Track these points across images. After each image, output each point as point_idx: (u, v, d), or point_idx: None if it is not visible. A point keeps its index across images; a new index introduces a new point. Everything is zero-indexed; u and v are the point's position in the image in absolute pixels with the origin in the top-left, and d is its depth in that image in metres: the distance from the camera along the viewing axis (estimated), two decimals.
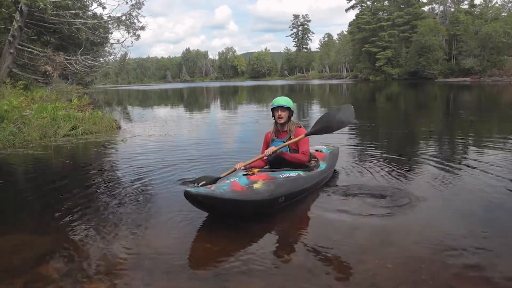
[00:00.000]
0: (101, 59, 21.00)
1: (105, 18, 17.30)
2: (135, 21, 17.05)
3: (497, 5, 54.08)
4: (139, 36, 17.27)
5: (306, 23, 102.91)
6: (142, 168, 5.14)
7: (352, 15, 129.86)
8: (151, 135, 8.42)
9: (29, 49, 14.69)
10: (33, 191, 4.39)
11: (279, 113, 3.78)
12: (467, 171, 4.50)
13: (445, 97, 21.69)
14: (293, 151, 3.80)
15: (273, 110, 3.83)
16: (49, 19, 14.00)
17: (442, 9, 57.83)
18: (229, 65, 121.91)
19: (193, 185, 3.38)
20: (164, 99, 29.50)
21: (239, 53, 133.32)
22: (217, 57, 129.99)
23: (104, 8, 19.34)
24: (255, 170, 3.45)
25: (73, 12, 15.27)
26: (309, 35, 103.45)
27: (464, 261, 2.41)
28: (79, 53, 15.06)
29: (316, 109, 15.57)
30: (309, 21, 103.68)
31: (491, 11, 52.25)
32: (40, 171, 5.37)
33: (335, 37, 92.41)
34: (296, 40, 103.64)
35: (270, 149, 3.66)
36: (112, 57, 22.91)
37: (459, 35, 49.93)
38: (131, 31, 17.03)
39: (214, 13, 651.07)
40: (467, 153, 5.81)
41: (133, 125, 10.74)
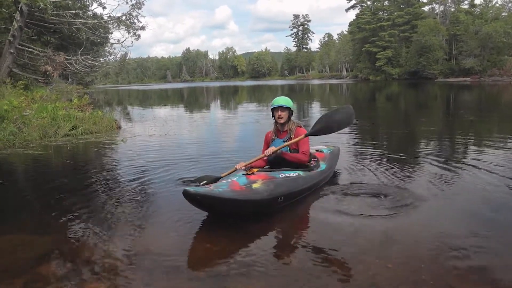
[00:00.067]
0: (101, 59, 21.01)
1: (105, 18, 17.32)
2: (135, 21, 17.08)
3: (497, 5, 54.15)
4: (139, 36, 17.29)
5: (306, 23, 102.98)
6: (142, 168, 5.14)
7: (352, 15, 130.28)
8: (151, 135, 8.42)
9: (29, 49, 14.69)
10: (33, 191, 4.39)
11: (279, 113, 3.79)
12: (467, 171, 4.50)
13: (445, 97, 21.68)
14: (293, 151, 3.80)
15: (273, 110, 3.83)
16: (49, 19, 14.00)
17: (442, 9, 57.82)
18: (229, 65, 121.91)
19: (195, 185, 3.38)
20: (164, 99, 29.50)
21: (239, 53, 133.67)
22: (217, 57, 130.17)
23: (104, 8, 19.41)
24: (255, 169, 3.45)
25: (73, 12, 15.28)
26: (309, 35, 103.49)
27: (464, 261, 2.41)
28: (79, 53, 15.06)
29: (316, 109, 15.57)
30: (309, 21, 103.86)
31: (491, 11, 52.24)
32: (40, 171, 5.37)
33: (335, 37, 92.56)
34: (296, 40, 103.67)
35: (270, 149, 3.66)
36: (112, 57, 22.94)
37: (459, 35, 49.92)
38: (131, 31, 17.04)
39: (214, 13, 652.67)
40: (468, 153, 5.80)
41: (133, 125, 10.75)
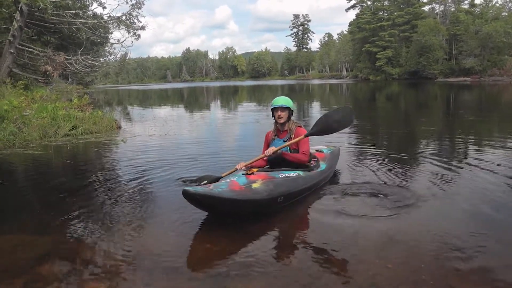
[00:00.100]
0: (101, 59, 21.01)
1: (105, 18, 17.31)
2: (135, 21, 17.08)
3: (498, 4, 54.18)
4: (139, 36, 17.29)
5: (306, 22, 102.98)
6: (142, 167, 5.14)
7: (352, 14, 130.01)
8: (151, 135, 8.42)
9: (29, 49, 14.69)
10: (33, 191, 4.39)
11: (279, 113, 3.79)
12: (467, 171, 4.50)
13: (445, 97, 21.68)
14: (294, 151, 3.80)
15: (273, 110, 3.84)
16: (49, 19, 14.00)
17: (442, 9, 57.83)
18: (229, 65, 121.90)
19: (195, 185, 3.36)
20: (164, 99, 29.50)
21: (239, 53, 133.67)
22: (217, 57, 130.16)
23: (104, 8, 19.43)
24: (254, 169, 3.45)
25: (73, 12, 15.28)
26: (309, 34, 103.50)
27: (464, 261, 2.40)
28: (79, 53, 15.05)
29: (316, 109, 15.57)
30: (309, 20, 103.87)
31: (491, 11, 52.25)
32: (40, 171, 5.37)
33: (335, 37, 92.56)
34: (296, 40, 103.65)
35: (270, 149, 3.66)
36: (112, 57, 22.94)
37: (460, 35, 49.93)
38: (131, 31, 17.04)
39: (214, 13, 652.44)
40: (468, 152, 5.80)
41: (133, 125, 10.75)
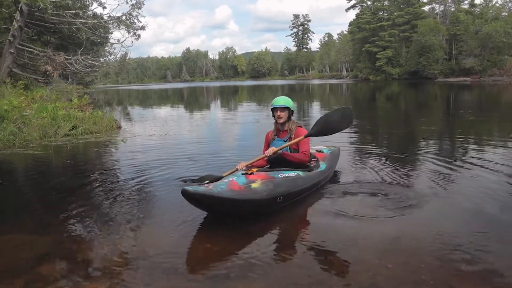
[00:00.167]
0: (101, 59, 21.00)
1: (105, 18, 17.30)
2: (135, 20, 17.06)
3: (498, 4, 54.17)
4: (139, 36, 17.28)
5: (306, 22, 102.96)
6: (142, 167, 5.14)
7: (352, 14, 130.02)
8: (151, 135, 8.42)
9: (29, 49, 14.68)
10: (33, 191, 4.39)
11: (279, 113, 3.79)
12: (467, 171, 4.50)
13: (445, 96, 21.68)
14: (294, 151, 3.80)
15: (273, 110, 3.85)
16: (49, 19, 14.00)
17: (442, 9, 57.82)
18: (229, 65, 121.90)
19: (196, 184, 3.36)
20: (164, 99, 29.51)
21: (239, 52, 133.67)
22: (217, 57, 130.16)
23: (104, 8, 19.42)
24: (254, 169, 3.45)
25: (73, 12, 15.27)
26: (309, 34, 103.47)
27: (465, 261, 2.40)
28: (79, 53, 15.04)
29: (316, 109, 15.57)
30: (309, 20, 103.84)
31: (491, 11, 52.25)
32: (40, 171, 5.37)
33: (335, 37, 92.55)
34: (296, 40, 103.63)
35: (271, 150, 3.67)
36: (112, 57, 22.92)
37: (460, 35, 49.92)
38: (131, 30, 17.03)
39: (214, 13, 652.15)
40: (468, 152, 5.80)
41: (133, 125, 10.75)
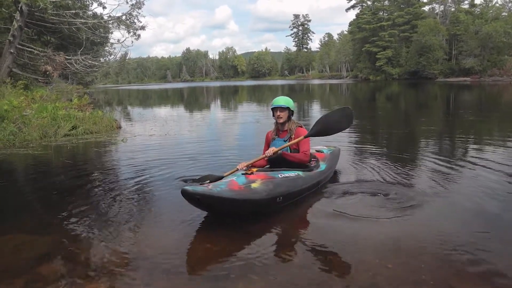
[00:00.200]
0: (101, 59, 21.00)
1: (105, 17, 17.30)
2: (135, 20, 17.07)
3: (498, 4, 54.18)
4: (139, 36, 17.28)
5: (306, 22, 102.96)
6: (142, 167, 5.14)
7: (352, 14, 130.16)
8: (151, 134, 8.42)
9: (29, 49, 14.68)
10: (33, 191, 4.39)
11: (278, 113, 3.80)
12: (467, 171, 4.51)
13: (445, 97, 21.68)
14: (294, 151, 3.80)
15: (273, 110, 3.85)
16: (49, 18, 14.00)
17: (442, 9, 57.82)
18: (229, 65, 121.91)
19: (198, 184, 3.36)
20: (164, 98, 29.51)
21: (239, 52, 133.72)
22: (217, 57, 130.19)
23: (104, 7, 19.42)
24: (254, 169, 3.45)
25: (73, 11, 15.27)
26: (309, 34, 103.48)
27: (465, 261, 2.41)
28: (79, 53, 15.04)
29: (316, 109, 15.57)
30: (309, 20, 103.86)
31: (491, 11, 52.25)
32: (40, 171, 5.37)
33: (335, 37, 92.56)
34: (296, 40, 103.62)
35: (271, 150, 3.67)
36: (112, 57, 22.91)
37: (460, 35, 49.92)
38: (131, 30, 17.03)
39: (214, 13, 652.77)
40: (468, 152, 5.79)
41: (133, 125, 10.75)
